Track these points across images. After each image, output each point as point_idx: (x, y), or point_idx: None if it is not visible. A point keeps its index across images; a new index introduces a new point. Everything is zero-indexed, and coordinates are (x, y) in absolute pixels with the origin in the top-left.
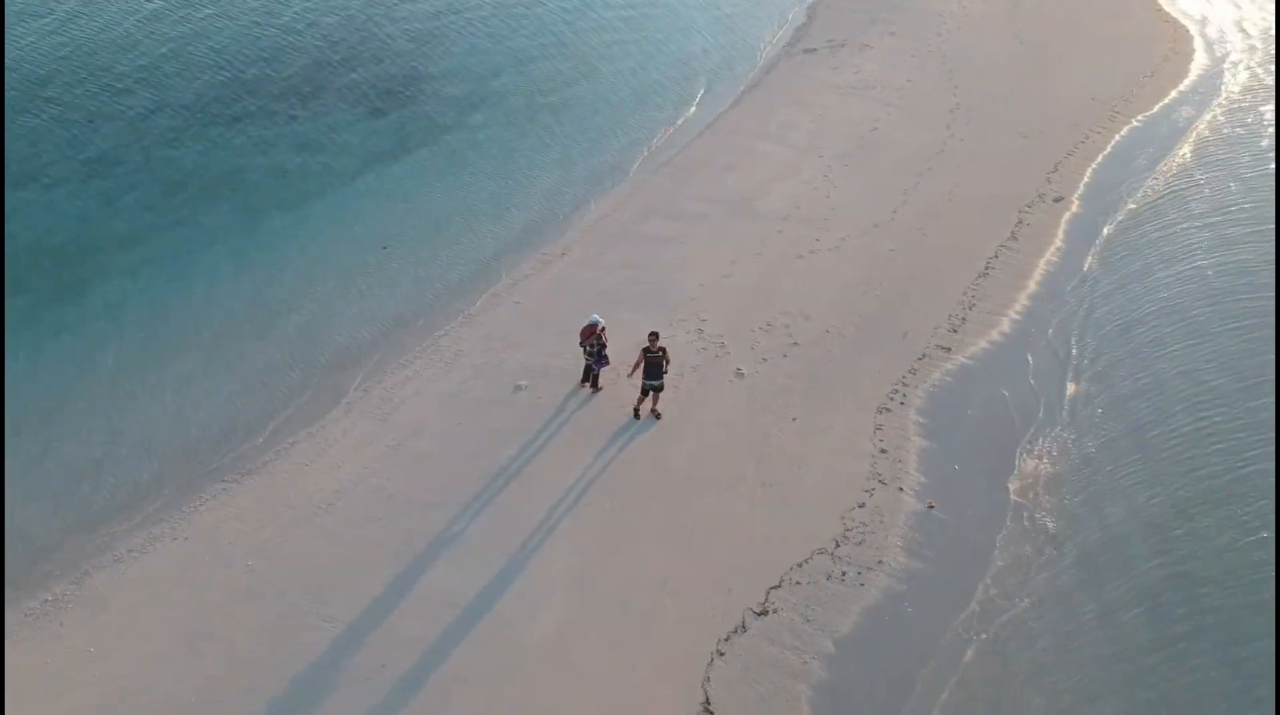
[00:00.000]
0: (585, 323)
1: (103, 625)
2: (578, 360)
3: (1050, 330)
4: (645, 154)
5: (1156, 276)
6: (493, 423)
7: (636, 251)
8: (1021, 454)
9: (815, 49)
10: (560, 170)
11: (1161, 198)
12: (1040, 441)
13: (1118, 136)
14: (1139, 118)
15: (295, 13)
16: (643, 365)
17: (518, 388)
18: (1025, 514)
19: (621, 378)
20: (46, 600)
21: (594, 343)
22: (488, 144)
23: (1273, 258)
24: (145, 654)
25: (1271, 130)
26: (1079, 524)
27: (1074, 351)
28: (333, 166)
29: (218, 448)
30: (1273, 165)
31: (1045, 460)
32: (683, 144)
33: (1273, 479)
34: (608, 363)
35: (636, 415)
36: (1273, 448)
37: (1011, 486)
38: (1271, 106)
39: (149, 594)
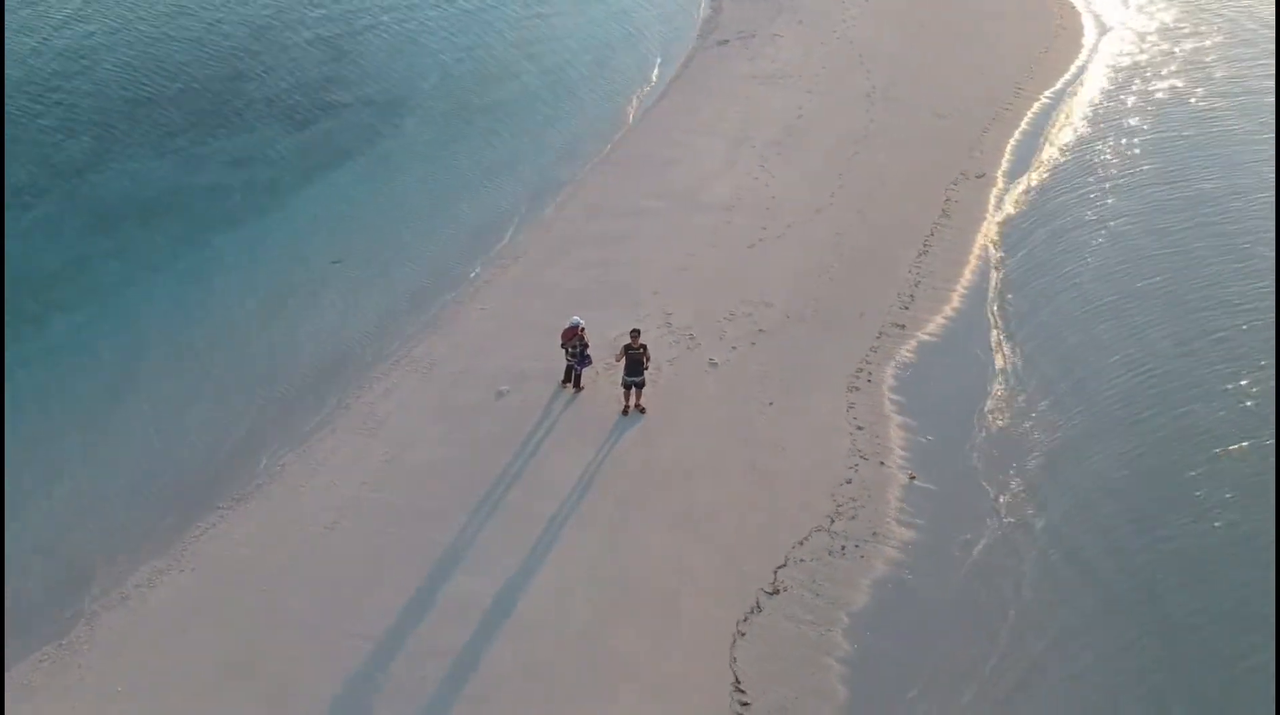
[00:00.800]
0: (566, 325)
1: (127, 664)
2: (553, 362)
3: (990, 300)
4: (583, 152)
5: (1077, 241)
6: (482, 429)
7: (592, 250)
8: (982, 419)
9: (728, 40)
10: (499, 173)
11: (1072, 166)
12: (997, 405)
13: (1027, 112)
14: (1044, 94)
15: (205, 25)
16: (624, 362)
17: (500, 393)
18: (995, 475)
19: (602, 376)
20: (60, 645)
21: (576, 344)
22: (423, 149)
23: (1177, 216)
24: (180, 688)
25: (1163, 92)
26: (1040, 479)
27: (1014, 319)
28: (269, 181)
29: (204, 477)
30: (1166, 125)
31: (1003, 420)
32: (618, 140)
33: (1200, 419)
34: (590, 362)
35: (626, 411)
36: (1200, 390)
37: (977, 452)
38: (1160, 72)
39: (168, 628)
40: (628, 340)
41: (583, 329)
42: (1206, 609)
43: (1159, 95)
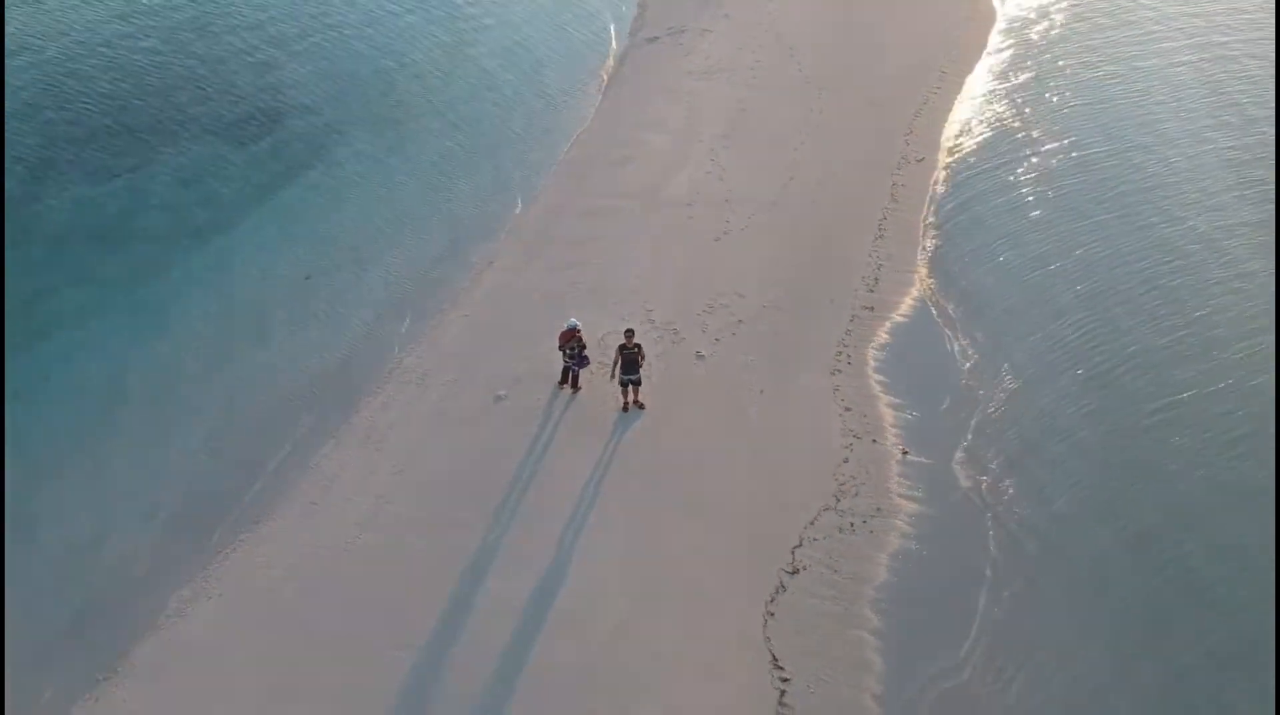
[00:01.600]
0: (563, 327)
1: (170, 696)
2: (545, 364)
3: (946, 275)
4: (535, 156)
5: (1014, 215)
6: (487, 435)
7: (562, 252)
8: (960, 392)
9: (658, 37)
10: (456, 179)
11: (1001, 142)
12: (968, 376)
13: (953, 93)
14: (965, 75)
15: (135, 45)
16: (620, 362)
17: (498, 398)
18: (980, 442)
19: (597, 375)
20: (98, 680)
21: (574, 345)
22: (375, 159)
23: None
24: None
25: (1072, 66)
26: (1014, 436)
27: (971, 291)
28: (225, 199)
29: (213, 502)
30: (1073, 95)
31: (975, 385)
32: (569, 142)
33: (1139, 361)
34: (588, 363)
35: (625, 408)
36: (1131, 338)
37: (960, 423)
38: (1065, 47)
39: (207, 656)
40: (622, 340)
41: (579, 331)
42: (1197, 548)
43: (1064, 66)
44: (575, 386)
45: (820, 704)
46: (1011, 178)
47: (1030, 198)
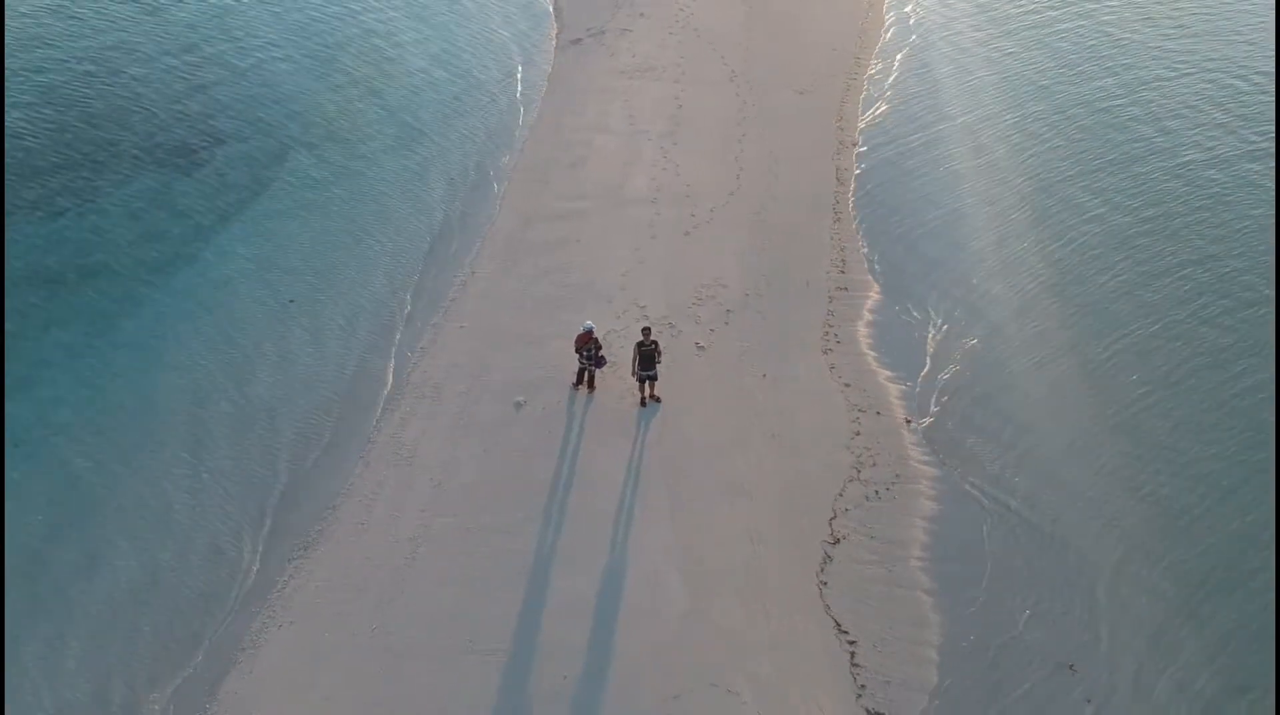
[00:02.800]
0: (579, 331)
1: None
2: (554, 368)
3: (902, 250)
4: (487, 163)
5: (947, 187)
6: (515, 440)
7: (541, 256)
8: (943, 357)
9: (580, 39)
10: (415, 194)
11: (924, 119)
12: (947, 344)
13: (867, 77)
14: (875, 59)
15: (70, 69)
16: (638, 358)
17: (518, 404)
18: (971, 403)
19: (608, 374)
20: None
21: (591, 347)
22: (327, 179)
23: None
24: None
25: (973, 44)
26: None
27: (927, 264)
28: (184, 229)
29: (258, 533)
30: (975, 67)
31: (959, 355)
32: (518, 147)
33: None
34: (605, 363)
35: (643, 403)
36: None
37: (950, 385)
38: (968, 23)
39: (293, 684)
40: (640, 338)
41: (594, 333)
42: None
43: (963, 44)
44: (591, 387)
45: (888, 661)
46: (937, 153)
47: (957, 168)
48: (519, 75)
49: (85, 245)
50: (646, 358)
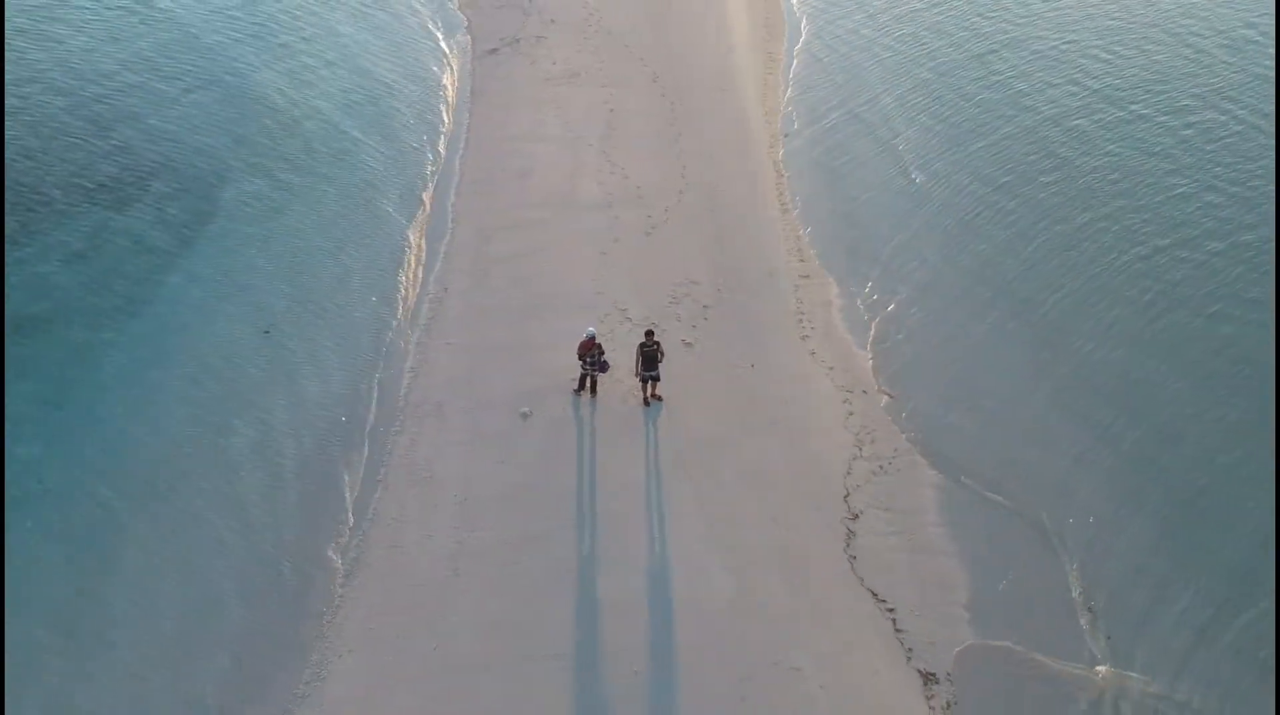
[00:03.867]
0: (582, 338)
1: None
2: (550, 376)
3: (851, 234)
4: (429, 178)
5: (879, 168)
6: (528, 450)
7: (510, 268)
8: (909, 334)
9: (497, 49)
10: (367, 212)
11: (842, 102)
12: (910, 321)
13: (787, 70)
14: (784, 50)
15: None
16: (640, 359)
17: (524, 415)
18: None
19: (608, 377)
20: None
21: (594, 353)
22: (274, 204)
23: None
24: None
25: (868, 30)
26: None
27: (876, 241)
28: (132, 272)
29: (297, 564)
30: (881, 49)
31: (921, 331)
32: (457, 162)
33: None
34: (609, 368)
35: (646, 403)
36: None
37: (923, 361)
38: (860, 16)
39: (367, 709)
40: (642, 339)
41: (596, 338)
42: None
43: (864, 31)
44: (593, 391)
45: (928, 624)
46: (862, 136)
47: (885, 149)
48: (444, 87)
49: (31, 294)
50: (649, 358)
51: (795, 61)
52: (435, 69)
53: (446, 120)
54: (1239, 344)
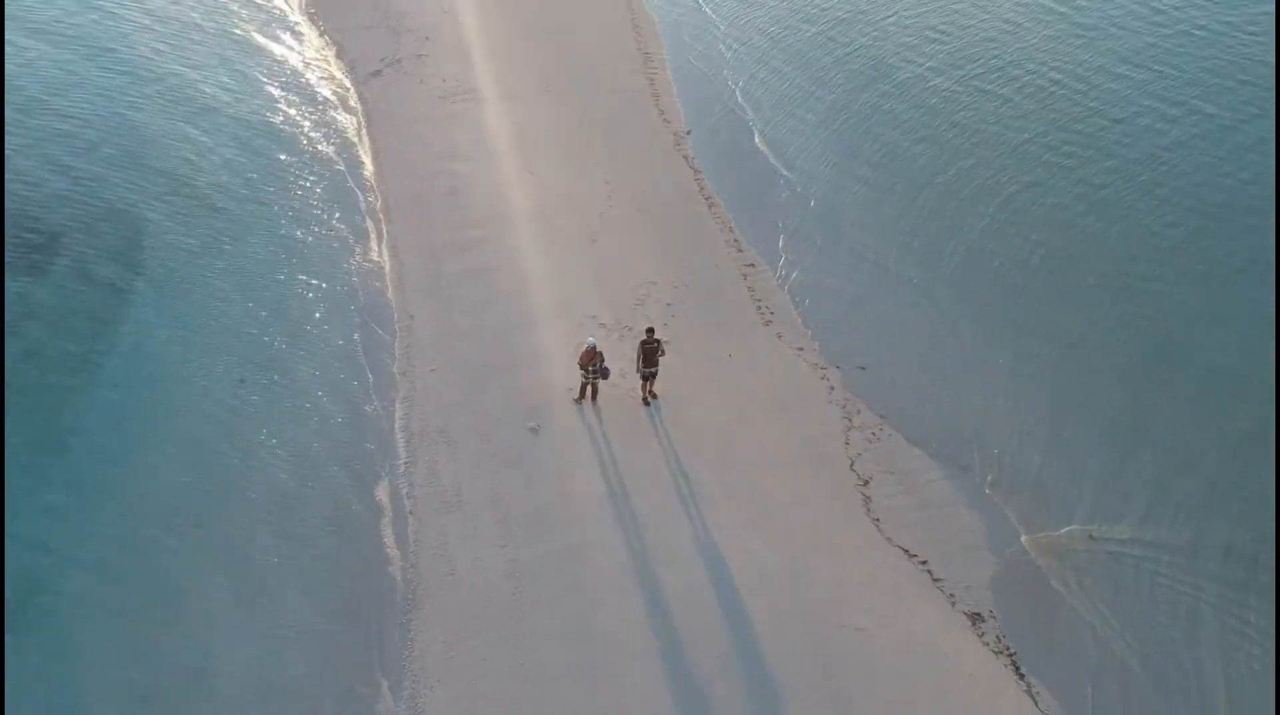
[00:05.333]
0: (583, 348)
1: None
2: (548, 389)
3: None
4: (352, 207)
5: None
6: (548, 463)
7: (470, 289)
8: (859, 306)
9: (379, 71)
10: (294, 248)
11: (727, 94)
12: (857, 290)
13: (667, 69)
14: (662, 50)
15: None
16: (641, 356)
17: (533, 429)
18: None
19: (605, 383)
20: None
21: (597, 361)
22: (205, 253)
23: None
24: None
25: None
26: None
27: (808, 220)
28: (69, 342)
29: (357, 613)
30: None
31: (870, 298)
32: (377, 188)
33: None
34: (609, 374)
35: (646, 402)
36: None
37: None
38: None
39: None
40: (643, 337)
41: (597, 347)
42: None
43: (734, 18)
44: (594, 398)
45: (959, 569)
46: (755, 125)
47: (778, 132)
48: (337, 113)
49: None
50: (649, 355)
51: (672, 61)
52: (323, 94)
53: (349, 147)
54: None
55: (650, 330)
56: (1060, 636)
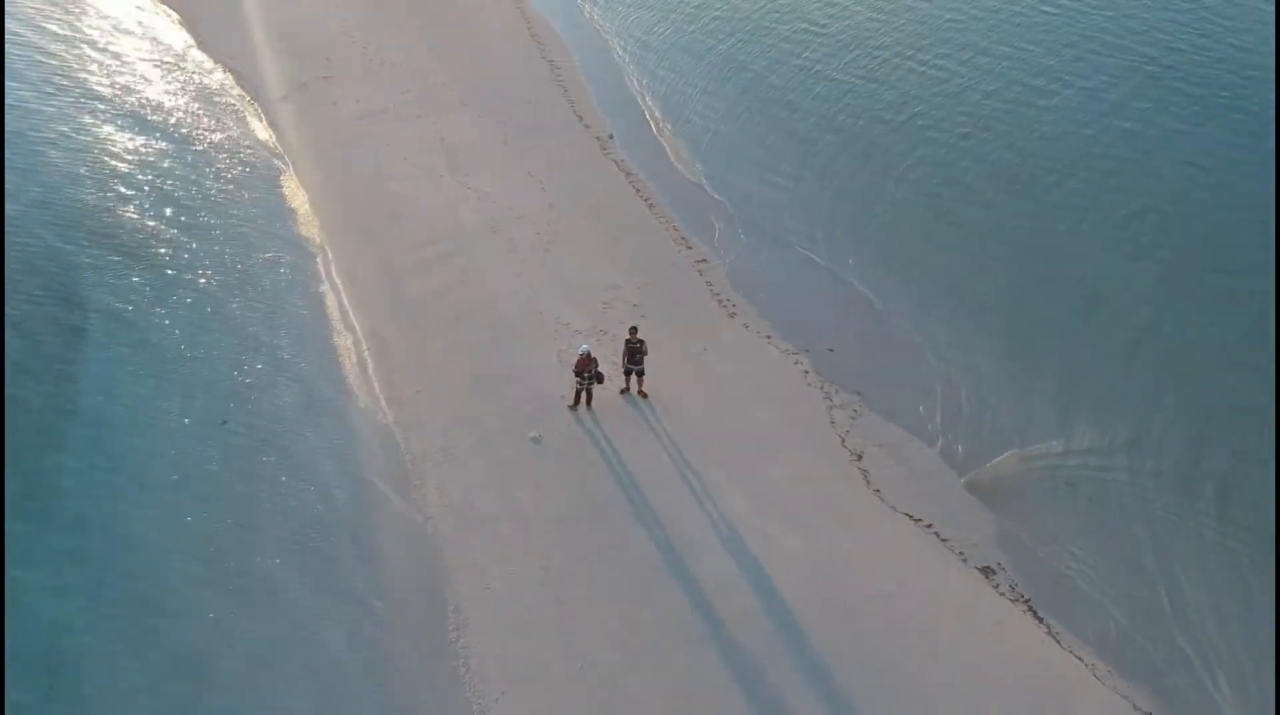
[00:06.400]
0: (578, 356)
1: None
2: (540, 399)
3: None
4: (295, 238)
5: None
6: (557, 471)
7: (439, 308)
8: (816, 290)
9: (287, 96)
10: (243, 286)
11: (646, 89)
12: (809, 274)
13: (578, 75)
14: (571, 57)
15: None
16: (626, 353)
17: (535, 440)
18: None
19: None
20: None
21: (592, 367)
22: (154, 299)
23: None
24: None
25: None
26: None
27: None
28: (60, 389)
29: (409, 640)
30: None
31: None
32: (315, 216)
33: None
34: (604, 379)
35: (624, 391)
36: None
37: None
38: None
39: None
40: (627, 335)
41: (591, 353)
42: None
43: (611, 30)
44: (589, 403)
45: (961, 529)
46: (673, 122)
47: (698, 127)
48: (253, 143)
49: None
50: (632, 351)
51: (579, 68)
52: (237, 121)
53: (274, 174)
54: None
55: (634, 329)
56: (1062, 572)
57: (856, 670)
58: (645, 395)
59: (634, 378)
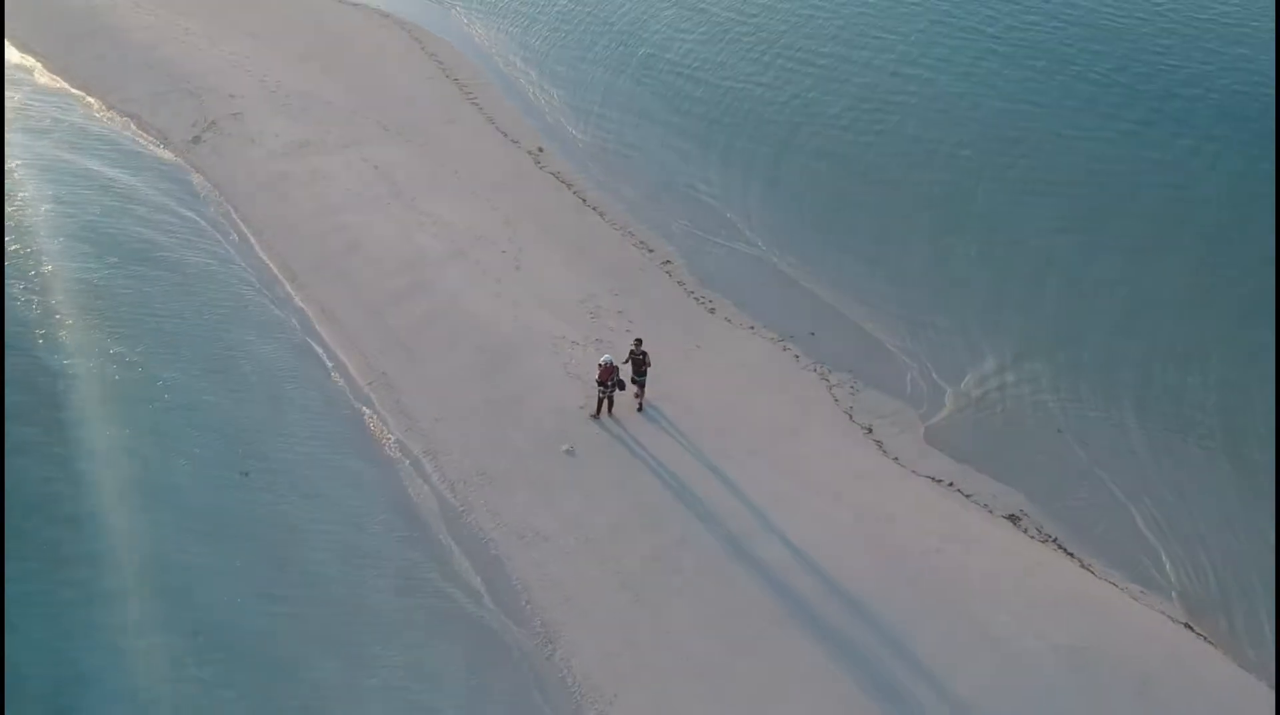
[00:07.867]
0: (600, 366)
1: None
2: (558, 414)
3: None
4: (261, 281)
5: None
6: (598, 480)
7: (427, 335)
8: (790, 282)
9: (199, 137)
10: (220, 336)
11: (559, 96)
12: (785, 264)
13: (487, 91)
14: (484, 75)
15: None
16: (632, 366)
17: (569, 452)
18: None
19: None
20: None
21: (615, 376)
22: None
23: None
24: None
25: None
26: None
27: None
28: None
29: (511, 664)
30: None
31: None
32: (270, 258)
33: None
34: (625, 386)
35: (640, 408)
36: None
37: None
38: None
39: None
40: (631, 347)
41: (613, 362)
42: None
43: (509, 43)
44: (610, 411)
45: (982, 486)
46: (604, 132)
47: (634, 134)
48: (177, 187)
49: None
50: (637, 364)
51: (489, 83)
52: (150, 164)
53: (214, 220)
54: None
55: (639, 341)
56: (1077, 511)
57: (931, 622)
58: (641, 408)
59: (637, 388)
